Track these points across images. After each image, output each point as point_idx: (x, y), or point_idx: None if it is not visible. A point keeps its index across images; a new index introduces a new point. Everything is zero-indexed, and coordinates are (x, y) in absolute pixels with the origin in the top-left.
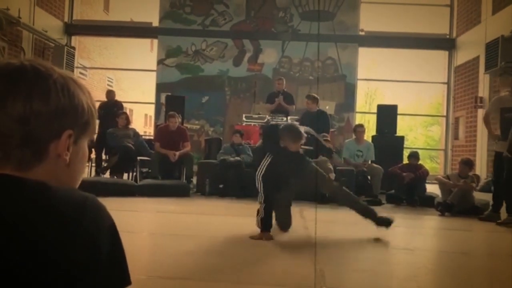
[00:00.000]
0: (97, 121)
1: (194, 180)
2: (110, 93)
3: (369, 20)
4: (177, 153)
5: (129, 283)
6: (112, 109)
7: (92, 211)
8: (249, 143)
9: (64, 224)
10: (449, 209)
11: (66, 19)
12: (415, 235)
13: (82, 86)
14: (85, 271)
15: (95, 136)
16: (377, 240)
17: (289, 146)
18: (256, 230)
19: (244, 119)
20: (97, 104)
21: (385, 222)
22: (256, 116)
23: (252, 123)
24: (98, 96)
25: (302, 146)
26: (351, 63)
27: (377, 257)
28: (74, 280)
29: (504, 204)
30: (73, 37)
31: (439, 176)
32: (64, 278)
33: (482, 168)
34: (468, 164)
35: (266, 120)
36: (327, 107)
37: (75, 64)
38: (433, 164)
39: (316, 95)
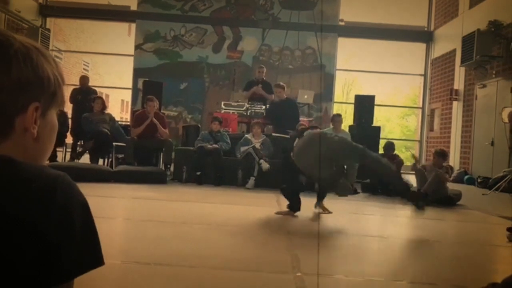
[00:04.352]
0: (71, 106)
1: (172, 167)
2: (85, 79)
3: (349, 11)
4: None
5: (102, 263)
6: (88, 95)
7: (64, 187)
8: (227, 131)
9: (37, 198)
10: (423, 198)
11: (41, 0)
12: (389, 223)
13: (47, 55)
14: (58, 248)
15: (70, 122)
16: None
17: None
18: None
19: (223, 106)
20: (72, 90)
21: None
22: (235, 103)
23: (231, 111)
24: (73, 80)
25: None
26: (330, 53)
27: (351, 244)
28: (47, 258)
29: None
30: (48, 19)
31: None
32: (37, 255)
33: (455, 159)
34: (442, 155)
35: (244, 108)
36: (305, 96)
37: (50, 47)
38: (408, 154)
39: (283, 84)
